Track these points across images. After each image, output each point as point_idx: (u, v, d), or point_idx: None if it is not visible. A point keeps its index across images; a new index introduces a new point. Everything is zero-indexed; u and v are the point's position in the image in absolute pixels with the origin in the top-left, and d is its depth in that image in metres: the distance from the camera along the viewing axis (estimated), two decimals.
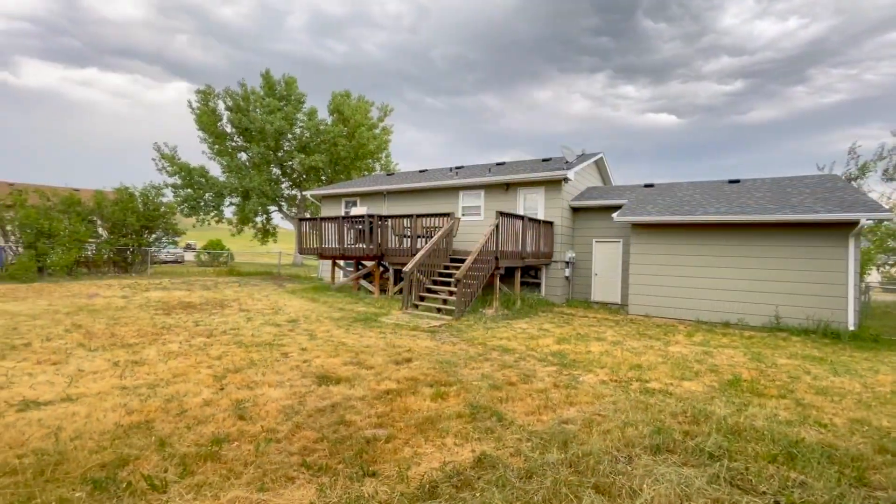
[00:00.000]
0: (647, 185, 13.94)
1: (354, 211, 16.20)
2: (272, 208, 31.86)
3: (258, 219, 31.64)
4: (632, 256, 11.39)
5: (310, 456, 3.22)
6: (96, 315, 8.79)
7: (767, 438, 3.63)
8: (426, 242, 11.40)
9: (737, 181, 12.74)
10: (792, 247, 9.52)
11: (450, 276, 10.79)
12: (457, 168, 17.26)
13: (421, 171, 19.28)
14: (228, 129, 30.17)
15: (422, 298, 10.53)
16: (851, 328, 8.80)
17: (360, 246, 13.01)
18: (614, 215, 11.32)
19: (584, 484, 2.85)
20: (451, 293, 10.11)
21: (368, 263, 13.52)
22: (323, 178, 31.45)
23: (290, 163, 30.49)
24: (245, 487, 2.78)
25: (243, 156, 30.46)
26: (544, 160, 15.63)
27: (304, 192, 30.19)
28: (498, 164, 16.86)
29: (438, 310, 9.96)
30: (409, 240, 12.36)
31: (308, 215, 30.03)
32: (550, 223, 12.60)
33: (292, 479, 2.90)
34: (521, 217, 11.29)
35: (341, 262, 15.61)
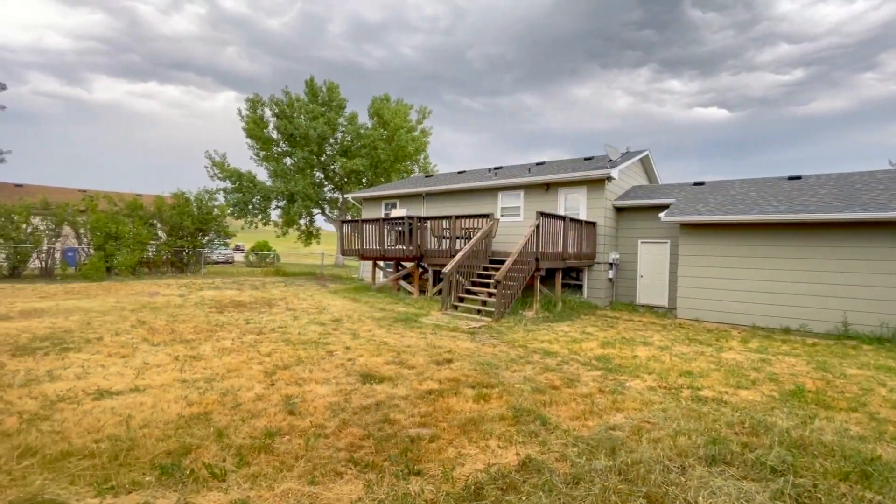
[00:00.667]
0: (696, 184, 13.31)
1: (394, 213, 16.47)
2: (315, 211, 32.96)
3: (302, 221, 32.82)
4: (680, 258, 10.90)
5: (357, 452, 3.30)
6: (157, 312, 9.41)
7: (837, 454, 3.36)
8: (465, 244, 11.41)
9: (798, 177, 11.92)
10: (863, 248, 8.78)
11: (489, 277, 10.75)
12: (495, 169, 17.17)
13: (459, 173, 19.33)
14: (274, 135, 31.48)
15: (461, 300, 10.55)
16: None
17: (400, 247, 13.21)
18: (661, 215, 10.88)
19: (634, 493, 2.76)
20: (490, 294, 10.07)
21: (408, 264, 13.70)
22: (364, 180, 32.19)
23: (333, 166, 31.42)
24: (297, 480, 2.89)
25: (288, 161, 31.69)
26: (586, 159, 15.26)
27: (345, 195, 31.02)
28: (538, 163, 16.63)
29: (478, 311, 9.94)
30: (447, 241, 12.42)
31: (349, 217, 30.87)
32: (593, 223, 12.28)
33: (341, 475, 2.98)
34: (563, 217, 11.08)
35: (381, 263, 15.90)
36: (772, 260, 9.68)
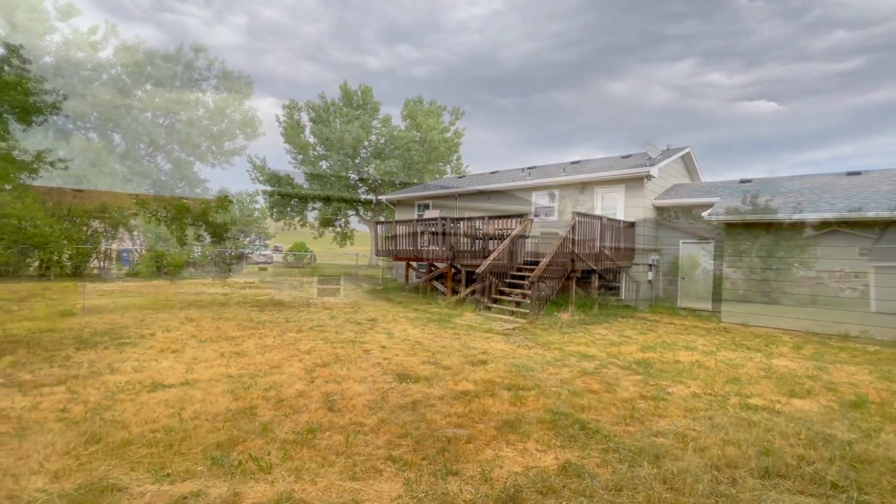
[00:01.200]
0: (742, 181, 12.69)
1: (427, 214, 16.59)
2: (350, 212, 33.68)
3: (337, 223, 33.60)
4: (725, 259, 10.41)
5: (395, 450, 3.35)
6: (203, 310, 9.87)
7: None
8: (498, 244, 11.35)
9: (857, 173, 11.16)
10: None
11: (523, 278, 10.63)
12: (529, 168, 16.98)
13: (492, 173, 19.24)
14: (311, 139, 32.40)
15: (494, 301, 10.49)
16: None
17: (433, 248, 13.28)
18: (705, 214, 10.43)
19: (680, 503, 2.66)
20: (524, 296, 9.96)
21: (441, 265, 13.76)
22: (397, 182, 32.59)
23: (367, 169, 32.02)
24: (338, 475, 2.96)
25: (324, 164, 32.53)
26: (624, 157, 14.85)
27: (379, 197, 31.54)
28: (573, 162, 16.33)
29: (511, 312, 9.85)
30: (480, 242, 12.39)
31: (383, 218, 31.35)
32: (631, 223, 11.93)
33: (380, 472, 3.03)
34: (599, 217, 10.82)
35: (414, 264, 16.04)
36: (827, 261, 9.08)
